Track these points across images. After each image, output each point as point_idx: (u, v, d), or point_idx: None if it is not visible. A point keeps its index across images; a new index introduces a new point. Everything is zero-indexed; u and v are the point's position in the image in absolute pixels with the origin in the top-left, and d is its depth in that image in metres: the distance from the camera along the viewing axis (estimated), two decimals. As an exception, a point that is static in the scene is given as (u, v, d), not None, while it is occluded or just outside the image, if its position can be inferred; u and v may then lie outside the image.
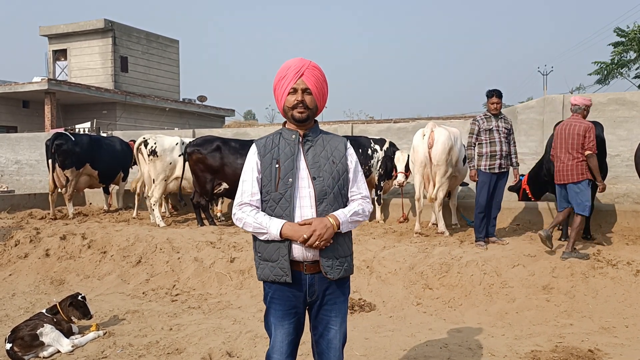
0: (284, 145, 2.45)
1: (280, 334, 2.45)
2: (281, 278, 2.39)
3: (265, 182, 2.42)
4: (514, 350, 3.94)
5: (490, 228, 6.39)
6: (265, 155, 2.44)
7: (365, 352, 3.96)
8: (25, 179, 15.23)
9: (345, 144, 2.54)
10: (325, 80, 2.49)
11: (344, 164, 2.48)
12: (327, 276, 2.39)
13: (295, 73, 2.40)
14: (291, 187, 2.38)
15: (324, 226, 2.32)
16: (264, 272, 2.43)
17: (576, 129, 5.56)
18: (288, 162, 2.41)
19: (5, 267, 6.69)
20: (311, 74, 2.41)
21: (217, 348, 4.00)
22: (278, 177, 2.39)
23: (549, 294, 4.90)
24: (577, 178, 5.49)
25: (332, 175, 2.42)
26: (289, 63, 2.46)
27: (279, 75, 2.45)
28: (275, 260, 2.39)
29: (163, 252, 6.38)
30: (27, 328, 4.08)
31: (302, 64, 2.43)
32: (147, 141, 8.45)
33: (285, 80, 2.42)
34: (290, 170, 2.39)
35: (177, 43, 28.29)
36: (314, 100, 2.44)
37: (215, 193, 8.15)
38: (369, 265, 5.60)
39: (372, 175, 8.50)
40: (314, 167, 2.41)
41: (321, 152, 2.46)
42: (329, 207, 2.40)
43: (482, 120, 6.37)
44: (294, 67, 2.42)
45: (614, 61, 20.15)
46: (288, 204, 2.37)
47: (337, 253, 2.42)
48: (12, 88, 21.29)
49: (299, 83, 2.40)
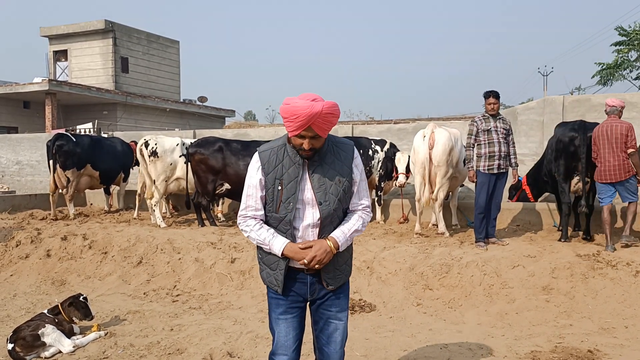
0: (288, 163, 2.37)
1: (284, 328, 2.48)
2: (274, 287, 2.47)
3: (268, 201, 2.42)
4: (514, 351, 3.96)
5: (490, 229, 6.41)
6: (269, 173, 2.38)
7: (366, 353, 3.97)
8: (26, 180, 15.25)
9: (353, 154, 2.46)
10: (338, 117, 2.31)
11: (349, 179, 2.43)
12: (328, 288, 2.46)
13: (303, 124, 2.21)
14: (291, 212, 2.36)
15: (323, 251, 2.35)
16: (262, 275, 2.54)
17: (619, 129, 5.88)
18: (291, 184, 2.35)
19: (6, 268, 6.70)
20: (323, 122, 2.23)
21: (218, 348, 4.02)
22: (280, 200, 2.37)
23: (549, 294, 4.91)
24: (625, 176, 5.88)
25: (338, 197, 2.40)
26: (296, 110, 2.21)
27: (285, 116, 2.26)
28: (274, 270, 2.45)
29: (164, 253, 6.40)
30: (29, 328, 4.09)
31: (312, 114, 2.19)
32: (148, 142, 8.47)
33: (292, 123, 2.24)
34: (292, 195, 2.35)
35: (177, 44, 28.31)
36: (322, 139, 2.33)
37: (217, 193, 8.17)
38: (369, 266, 5.61)
39: (373, 176, 8.51)
40: (319, 191, 2.36)
41: (327, 172, 2.38)
42: (331, 227, 2.43)
43: (480, 121, 6.39)
44: (302, 117, 2.19)
45: (616, 62, 20.13)
46: (289, 227, 2.39)
47: (337, 264, 2.47)
48: (12, 89, 21.31)
49: (308, 131, 2.25)
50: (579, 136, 6.29)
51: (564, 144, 6.43)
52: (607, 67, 20.34)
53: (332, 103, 2.27)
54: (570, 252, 5.57)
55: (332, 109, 2.25)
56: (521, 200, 8.04)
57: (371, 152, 8.46)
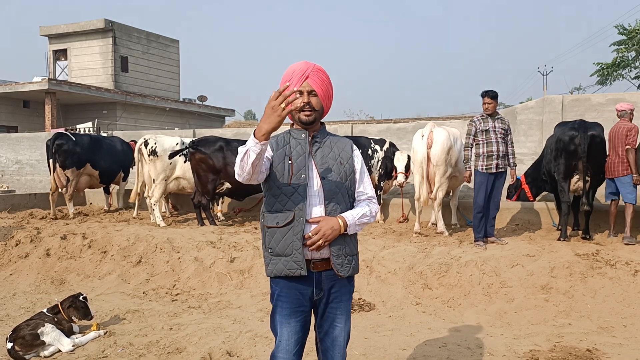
0: (294, 143, 2.48)
1: (287, 332, 2.45)
2: (296, 272, 2.38)
3: (279, 175, 2.43)
4: (513, 350, 3.96)
5: (489, 228, 6.42)
6: (278, 150, 2.46)
7: (365, 352, 3.98)
8: (26, 179, 15.25)
9: (352, 145, 2.59)
10: (330, 82, 2.52)
11: (350, 165, 2.52)
12: (339, 273, 2.43)
13: (300, 76, 2.43)
14: (304, 183, 2.41)
15: (330, 227, 2.36)
16: (277, 267, 2.41)
17: (621, 130, 6.34)
18: (300, 159, 2.44)
19: (6, 267, 6.70)
20: (316, 76, 2.45)
21: (217, 347, 4.02)
22: (291, 172, 2.42)
23: (548, 293, 4.91)
24: (622, 173, 6.32)
25: (340, 176, 2.46)
26: (293, 67, 2.49)
27: (285, 78, 2.47)
28: (289, 254, 2.39)
29: (163, 252, 6.40)
30: (28, 327, 4.09)
31: (307, 67, 2.46)
32: (148, 141, 8.48)
33: (290, 83, 2.43)
34: (302, 167, 2.43)
35: (177, 43, 28.30)
36: (320, 102, 2.47)
37: (217, 192, 8.18)
38: (368, 265, 5.62)
39: (372, 175, 8.52)
40: (322, 167, 2.45)
41: (329, 153, 2.49)
42: (337, 207, 2.43)
43: (478, 121, 6.41)
44: (299, 70, 2.45)
45: (615, 62, 20.13)
46: (302, 199, 2.39)
47: (346, 251, 2.46)
48: (12, 88, 21.30)
49: (305, 85, 2.42)
50: (579, 135, 6.31)
51: (564, 143, 6.44)
52: (606, 67, 20.35)
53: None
54: (569, 251, 5.57)
55: (322, 69, 2.50)
56: (521, 199, 8.05)
57: (371, 152, 8.47)
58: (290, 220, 2.39)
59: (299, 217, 2.38)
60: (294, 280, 2.43)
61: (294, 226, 2.38)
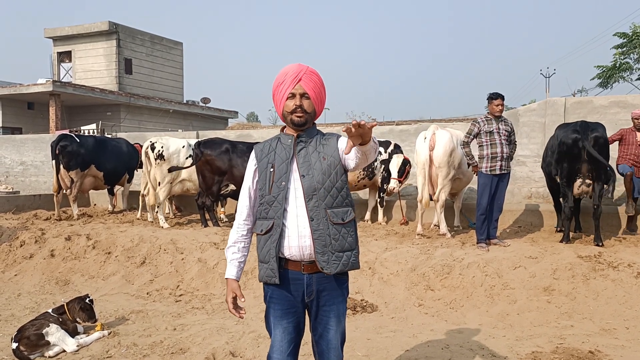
0: (280, 149, 2.50)
1: (280, 332, 2.49)
2: (271, 279, 2.47)
3: (261, 185, 2.50)
4: (515, 352, 3.97)
5: (491, 230, 6.42)
6: (262, 159, 2.51)
7: (367, 353, 3.99)
8: (30, 180, 15.32)
9: (337, 137, 2.54)
10: (322, 85, 2.53)
11: (335, 157, 2.45)
12: (324, 271, 2.40)
13: (293, 78, 2.44)
14: (284, 190, 2.42)
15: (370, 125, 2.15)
16: (260, 274, 2.55)
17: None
18: (282, 165, 2.45)
19: (10, 268, 6.75)
20: (309, 79, 2.46)
21: (221, 348, 4.05)
22: (272, 180, 2.45)
23: (550, 295, 4.92)
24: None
25: (322, 171, 2.43)
26: (287, 69, 2.50)
27: (278, 80, 2.49)
28: (267, 262, 2.47)
29: (167, 253, 6.43)
30: (33, 327, 4.13)
31: (300, 70, 2.47)
32: (155, 145, 8.49)
33: (283, 85, 2.46)
34: (283, 174, 2.44)
35: (181, 45, 28.41)
36: (312, 105, 2.48)
37: (222, 194, 8.22)
38: (371, 267, 5.63)
39: (376, 177, 8.53)
40: (303, 166, 2.44)
41: (312, 152, 2.48)
42: (320, 203, 2.41)
43: (482, 123, 6.41)
44: (291, 72, 2.46)
45: (615, 65, 20.08)
46: (280, 207, 2.42)
47: (334, 247, 2.41)
48: (17, 89, 21.42)
49: (297, 88, 2.44)
50: (581, 137, 6.21)
51: (567, 145, 6.30)
52: (607, 70, 20.30)
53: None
54: (572, 253, 5.57)
55: (315, 72, 2.51)
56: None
57: (374, 154, 8.46)
58: (270, 229, 2.44)
59: (277, 225, 2.43)
60: (284, 283, 2.47)
61: (272, 234, 2.44)
